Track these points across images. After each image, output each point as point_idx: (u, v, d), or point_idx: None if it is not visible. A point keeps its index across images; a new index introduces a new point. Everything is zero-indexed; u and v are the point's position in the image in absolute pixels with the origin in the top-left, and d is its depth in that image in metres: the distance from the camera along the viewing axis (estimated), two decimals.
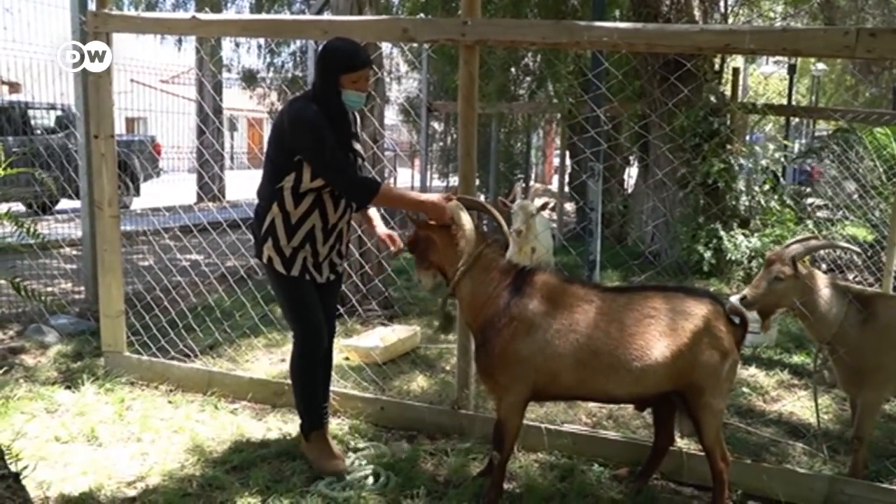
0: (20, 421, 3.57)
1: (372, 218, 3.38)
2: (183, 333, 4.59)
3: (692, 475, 3.19)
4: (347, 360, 4.66)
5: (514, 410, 2.86)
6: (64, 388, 4.04)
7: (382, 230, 3.35)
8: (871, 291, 3.34)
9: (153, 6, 15.02)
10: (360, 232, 5.17)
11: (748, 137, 11.97)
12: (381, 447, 3.44)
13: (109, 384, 4.05)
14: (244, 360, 4.63)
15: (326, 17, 5.10)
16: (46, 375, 4.27)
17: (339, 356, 4.33)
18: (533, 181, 13.93)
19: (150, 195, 11.60)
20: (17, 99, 10.51)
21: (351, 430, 3.63)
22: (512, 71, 11.97)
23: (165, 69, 13.84)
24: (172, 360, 4.35)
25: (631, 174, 12.67)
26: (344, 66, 2.92)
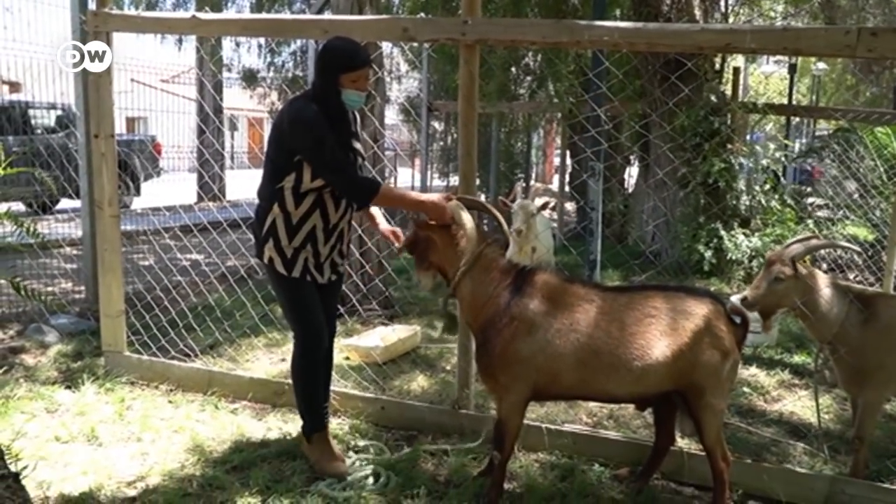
0: (20, 420, 3.57)
1: (374, 216, 3.37)
2: (183, 333, 4.59)
3: (693, 475, 3.19)
4: (348, 359, 4.65)
5: (514, 410, 2.86)
6: (64, 387, 4.04)
7: (385, 226, 3.34)
8: (872, 291, 3.33)
9: (153, 6, 15.02)
10: (360, 231, 5.16)
11: (749, 137, 11.96)
12: (380, 446, 3.43)
13: (110, 384, 4.05)
14: (244, 359, 4.63)
15: (327, 16, 5.10)
16: (46, 375, 4.27)
17: (339, 356, 4.33)
18: (533, 181, 13.93)
19: (150, 195, 11.60)
20: (17, 98, 10.51)
21: (351, 429, 3.62)
22: (512, 70, 11.97)
23: (166, 69, 13.83)
24: (173, 359, 4.35)
25: (631, 174, 12.68)
26: (343, 65, 2.92)
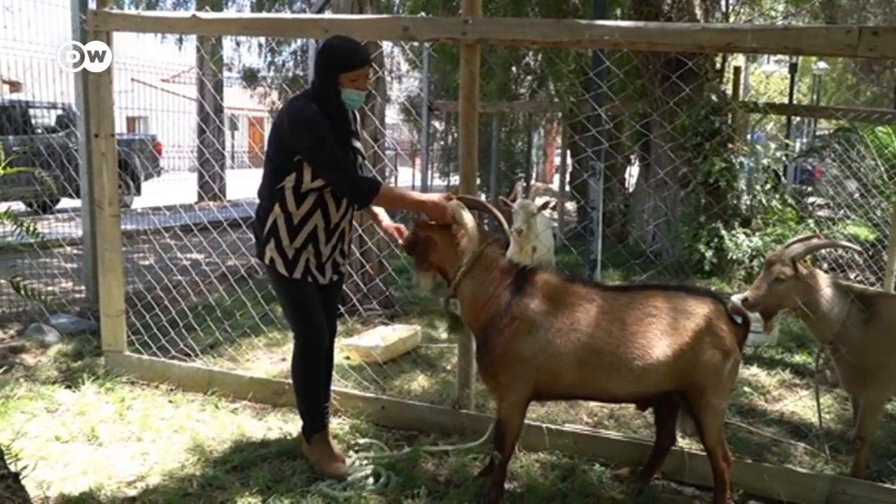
0: (20, 420, 3.56)
1: (377, 213, 3.34)
2: (183, 333, 4.58)
3: (694, 475, 3.18)
4: (348, 359, 4.65)
5: (515, 410, 2.85)
6: (64, 387, 4.04)
7: (388, 223, 3.32)
8: (873, 291, 3.33)
9: (154, 5, 15.02)
10: (360, 231, 5.16)
11: (749, 136, 11.96)
12: (381, 445, 3.43)
13: (110, 383, 4.04)
14: (245, 359, 4.62)
15: (327, 15, 5.09)
16: (47, 375, 4.27)
17: (339, 355, 4.32)
18: (534, 180, 13.93)
19: (150, 194, 11.60)
20: (17, 98, 10.51)
21: (352, 429, 3.62)
22: (513, 70, 11.98)
23: (166, 68, 13.84)
24: (173, 359, 4.34)
25: (632, 173, 12.68)
26: (343, 64, 2.90)
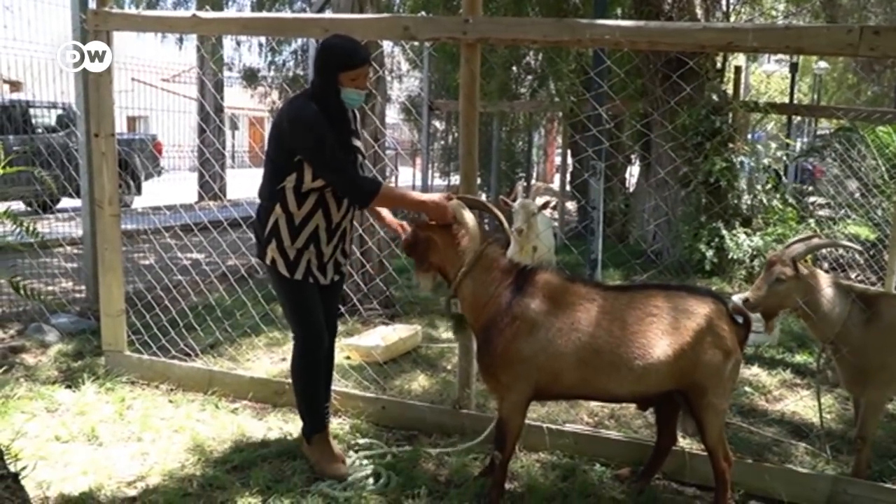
0: (20, 420, 3.56)
1: (380, 209, 3.32)
2: (184, 332, 4.58)
3: (694, 475, 3.18)
4: (349, 359, 4.65)
5: (516, 410, 2.85)
6: (64, 387, 4.04)
7: (392, 218, 3.29)
8: (874, 291, 3.32)
9: (154, 4, 15.02)
10: (360, 231, 5.15)
11: (750, 136, 11.95)
12: (381, 444, 3.43)
13: (110, 383, 4.04)
14: (245, 359, 4.62)
15: (328, 15, 5.09)
16: (47, 374, 4.26)
17: (340, 355, 4.32)
18: (534, 180, 13.93)
19: (151, 194, 11.60)
20: (18, 97, 10.51)
21: (352, 429, 3.61)
22: (513, 69, 11.98)
23: (166, 68, 13.83)
24: (173, 359, 4.34)
25: (633, 173, 12.67)
26: (343, 63, 2.89)
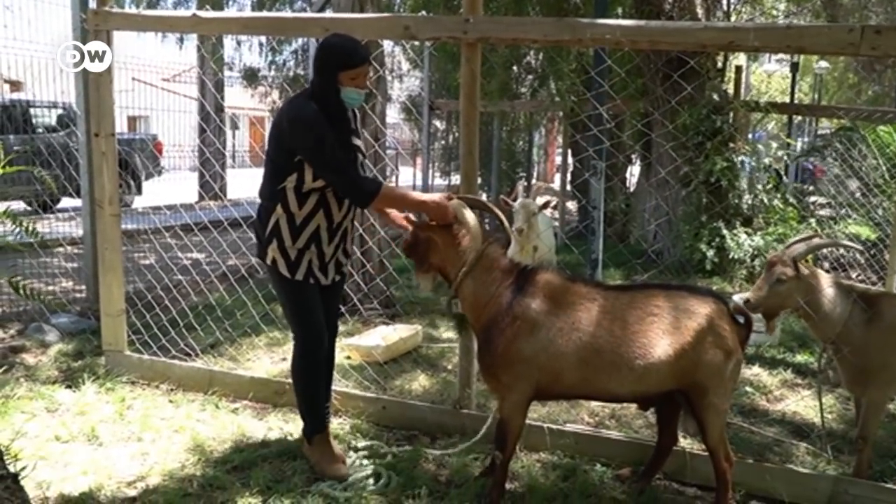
0: (20, 420, 3.56)
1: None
2: (184, 332, 4.58)
3: (695, 475, 3.17)
4: (349, 359, 4.64)
5: (516, 410, 2.84)
6: (64, 387, 4.03)
7: (398, 214, 3.25)
8: (875, 290, 3.31)
9: (154, 4, 15.02)
10: (361, 231, 5.15)
11: (751, 135, 11.94)
12: (381, 445, 3.42)
13: (110, 383, 4.04)
14: (245, 359, 4.61)
15: (328, 14, 5.08)
16: (47, 374, 4.26)
17: (340, 355, 4.31)
18: (535, 179, 13.92)
19: (151, 193, 11.60)
20: (18, 97, 10.51)
21: (352, 429, 3.61)
22: (514, 69, 11.97)
23: (167, 67, 13.83)
24: (173, 359, 4.33)
25: (633, 172, 12.66)
26: (342, 62, 2.88)
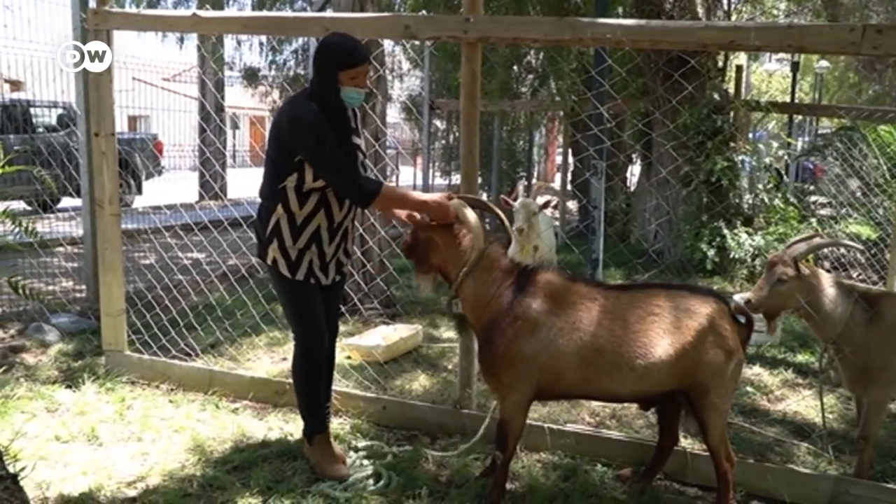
0: (20, 420, 3.55)
1: None
2: (184, 332, 4.57)
3: (696, 475, 3.17)
4: (349, 358, 4.64)
5: (517, 410, 2.84)
6: (64, 387, 4.03)
7: (401, 210, 3.27)
8: (877, 290, 3.30)
9: (154, 3, 15.00)
10: (361, 230, 5.14)
11: (751, 135, 11.93)
12: (381, 445, 3.42)
13: (110, 383, 4.03)
14: (245, 359, 4.61)
15: (328, 14, 5.06)
16: (47, 374, 4.26)
17: (341, 355, 4.31)
18: (535, 179, 13.91)
19: (151, 193, 11.60)
20: (19, 97, 10.50)
21: (352, 429, 3.61)
22: (514, 68, 11.96)
23: (167, 67, 13.82)
24: (173, 359, 4.33)
25: (634, 172, 12.65)
26: (342, 62, 2.87)
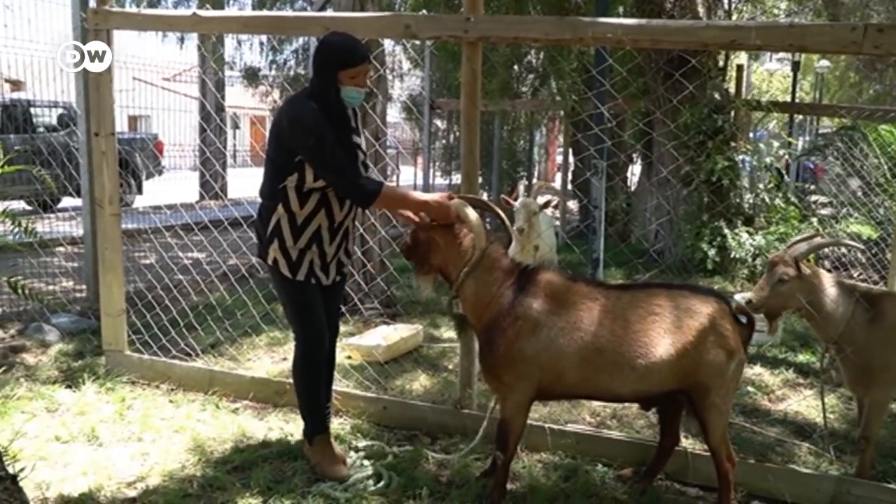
0: (20, 420, 3.55)
1: None
2: (184, 332, 4.57)
3: (697, 475, 3.16)
4: (350, 358, 4.63)
5: (518, 410, 2.83)
6: (64, 387, 4.03)
7: (405, 210, 3.24)
8: (878, 290, 3.30)
9: (155, 3, 14.98)
10: (361, 230, 5.14)
11: (752, 134, 11.92)
12: (382, 445, 3.41)
13: (110, 383, 4.03)
14: (246, 358, 4.61)
15: (329, 13, 5.06)
16: (47, 374, 4.25)
17: (341, 355, 4.31)
18: (536, 179, 13.90)
19: (152, 193, 11.60)
20: (19, 97, 10.50)
21: (353, 429, 3.60)
22: (515, 68, 11.94)
23: (167, 67, 13.82)
24: (174, 359, 4.33)
25: (635, 171, 12.64)
26: (342, 61, 2.86)
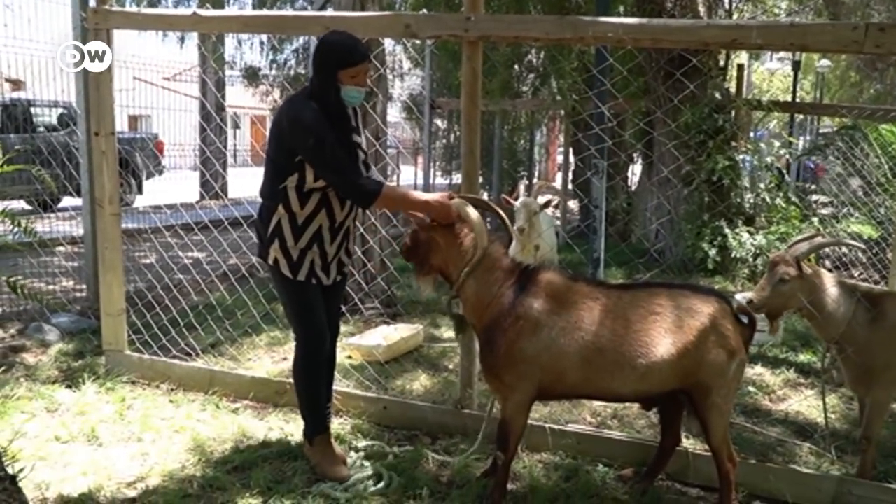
0: (20, 420, 3.55)
1: None
2: (184, 332, 4.56)
3: (698, 476, 3.15)
4: (350, 358, 4.63)
5: (519, 410, 2.83)
6: (64, 387, 4.02)
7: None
8: (879, 290, 3.29)
9: (155, 2, 14.97)
10: (362, 230, 5.13)
11: (752, 134, 11.92)
12: (382, 445, 3.41)
13: (110, 383, 4.03)
14: (246, 358, 4.60)
15: (329, 12, 5.06)
16: (47, 374, 4.25)
17: (341, 355, 4.30)
18: (536, 178, 13.90)
19: (152, 193, 11.60)
20: (19, 96, 10.50)
21: (353, 429, 3.60)
22: (515, 67, 11.93)
23: (168, 66, 13.82)
24: (174, 358, 4.32)
25: (635, 171, 12.63)
26: (342, 60, 2.85)
